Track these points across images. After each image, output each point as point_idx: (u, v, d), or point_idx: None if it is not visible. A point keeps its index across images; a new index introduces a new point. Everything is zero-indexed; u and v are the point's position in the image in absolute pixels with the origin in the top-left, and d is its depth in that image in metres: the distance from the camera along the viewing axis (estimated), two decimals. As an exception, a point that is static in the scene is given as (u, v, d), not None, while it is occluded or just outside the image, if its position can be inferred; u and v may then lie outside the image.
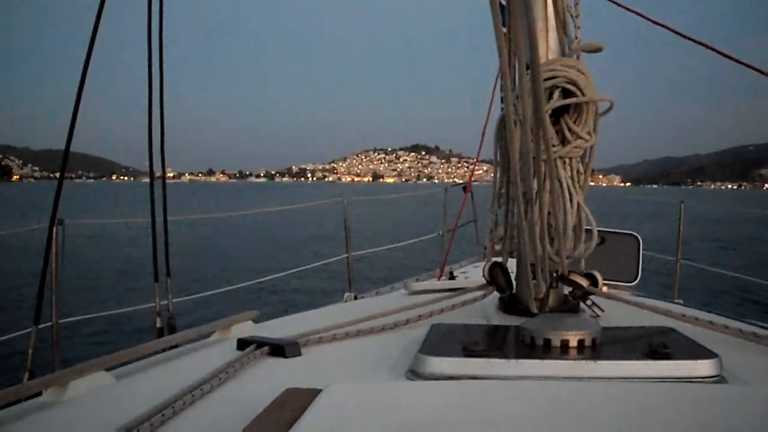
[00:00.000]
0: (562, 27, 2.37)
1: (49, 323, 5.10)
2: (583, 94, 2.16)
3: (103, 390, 1.66)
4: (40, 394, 1.65)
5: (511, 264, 2.39)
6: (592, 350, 1.63)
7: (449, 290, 2.72)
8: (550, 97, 2.18)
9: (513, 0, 1.64)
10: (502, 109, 2.54)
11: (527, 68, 1.82)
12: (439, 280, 5.25)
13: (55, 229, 4.62)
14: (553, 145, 2.15)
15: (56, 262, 5.04)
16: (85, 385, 1.65)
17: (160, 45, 4.39)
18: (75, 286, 15.36)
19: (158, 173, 4.72)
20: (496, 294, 2.43)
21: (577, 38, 2.35)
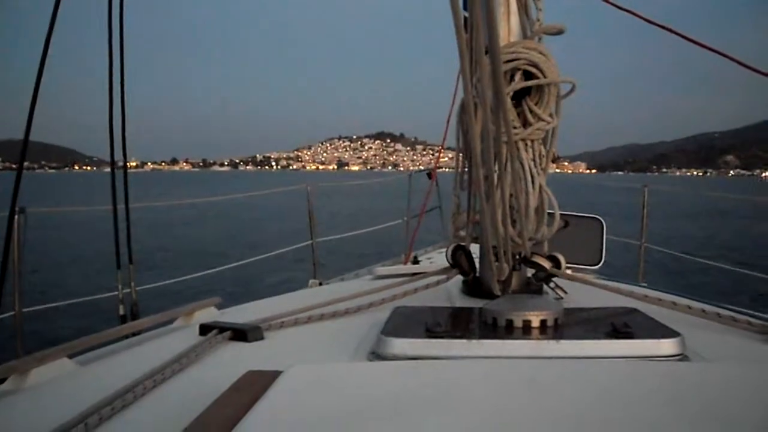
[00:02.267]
0: (523, 9, 2.37)
1: (12, 313, 5.10)
2: (545, 76, 2.16)
3: (65, 377, 1.66)
4: (2, 381, 1.63)
5: (475, 248, 2.40)
6: (555, 330, 1.64)
7: (413, 274, 2.73)
8: (511, 79, 2.18)
9: None
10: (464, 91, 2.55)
11: (486, 51, 1.83)
12: (404, 265, 5.27)
13: (16, 217, 4.59)
14: (515, 128, 2.15)
15: (18, 251, 5.01)
16: (47, 372, 1.64)
17: (120, 33, 4.35)
18: (37, 274, 15.22)
19: (120, 162, 4.70)
20: (459, 277, 2.44)
21: (538, 20, 2.35)
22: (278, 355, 1.74)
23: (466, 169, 2.41)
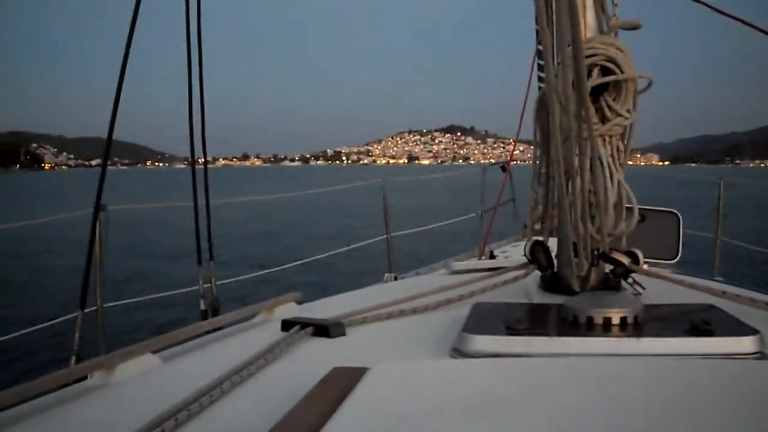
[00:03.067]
0: (599, 4, 2.36)
1: (95, 308, 5.19)
2: (622, 72, 2.16)
3: (149, 372, 1.70)
4: (86, 377, 1.69)
5: (552, 242, 2.40)
6: (634, 327, 1.64)
7: (490, 269, 2.74)
8: (589, 75, 2.18)
9: None
10: (540, 87, 2.54)
11: (568, 45, 1.83)
12: (479, 259, 5.27)
13: (99, 214, 4.70)
14: (594, 123, 2.16)
15: (100, 248, 5.11)
16: (132, 368, 1.68)
17: (198, 35, 4.46)
18: (119, 270, 15.65)
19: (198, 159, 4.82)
20: (537, 273, 2.44)
21: (614, 15, 2.35)
22: (361, 351, 1.76)
23: (544, 164, 2.42)
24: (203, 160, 4.97)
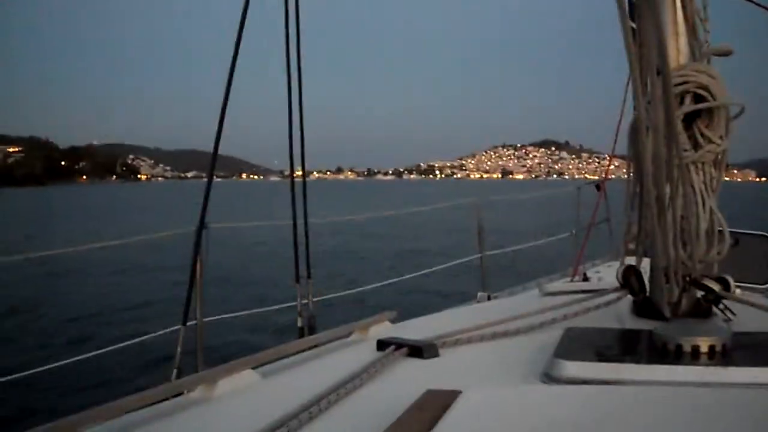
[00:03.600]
0: (692, 30, 2.37)
1: (194, 322, 5.29)
2: (714, 99, 2.17)
3: (249, 388, 1.75)
4: (189, 391, 1.75)
5: (645, 265, 2.40)
6: (723, 356, 1.63)
7: (582, 292, 2.75)
8: (681, 102, 2.19)
9: (641, 6, 1.68)
10: (635, 110, 2.57)
11: (658, 73, 1.86)
12: (572, 280, 5.24)
13: (202, 232, 4.84)
14: (686, 150, 2.17)
15: (202, 264, 5.21)
16: (232, 383, 1.74)
17: (297, 51, 4.57)
18: (218, 285, 16.04)
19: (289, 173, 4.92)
20: (629, 297, 2.46)
21: (706, 42, 2.36)
22: (453, 373, 1.79)
23: (637, 190, 2.43)
24: (300, 173, 5.04)
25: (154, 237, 8.33)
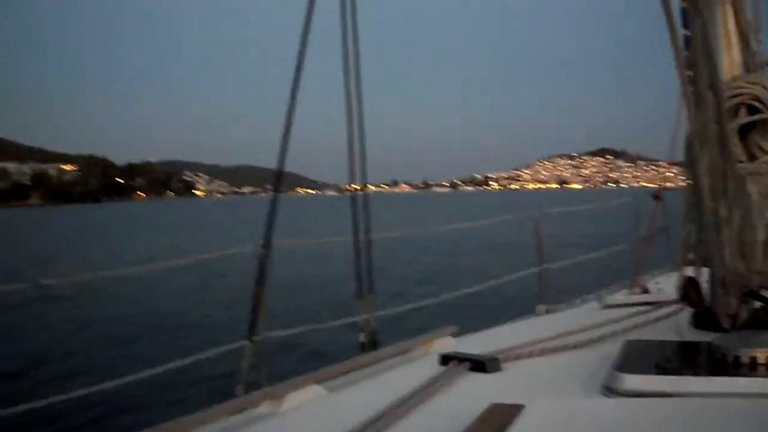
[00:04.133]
0: (744, 42, 2.37)
1: (260, 337, 5.26)
2: None
3: (315, 403, 1.81)
4: (256, 406, 1.81)
5: (704, 275, 2.41)
6: None
7: (642, 304, 2.76)
8: (735, 113, 2.20)
9: (692, 21, 1.70)
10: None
11: (710, 87, 1.88)
12: (632, 292, 5.20)
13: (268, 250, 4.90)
14: (741, 162, 2.17)
15: (266, 280, 5.31)
16: (298, 398, 1.80)
17: (356, 66, 4.60)
18: (281, 301, 16.19)
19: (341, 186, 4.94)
20: (689, 308, 2.46)
21: (759, 53, 2.36)
22: (516, 387, 1.84)
23: (695, 201, 2.43)
24: (358, 187, 5.03)
25: (219, 255, 8.46)
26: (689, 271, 2.47)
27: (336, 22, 4.39)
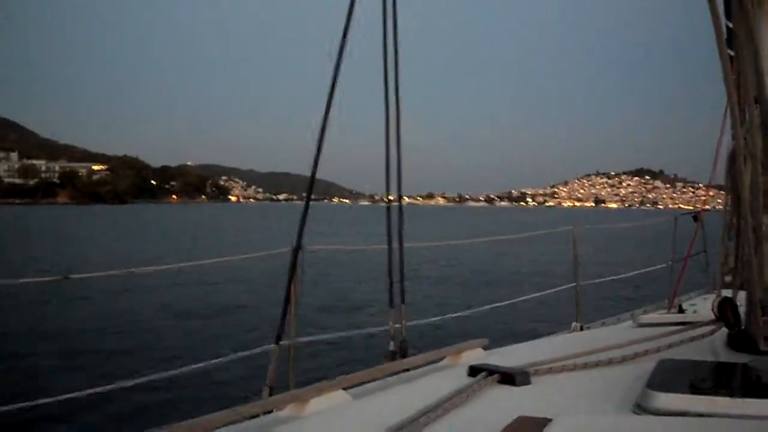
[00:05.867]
0: None
1: (288, 342, 5.30)
2: None
3: (340, 408, 1.80)
4: (280, 409, 1.80)
5: (741, 297, 2.37)
6: None
7: (677, 324, 2.73)
8: None
9: (738, 32, 1.68)
10: (733, 140, 2.55)
11: (756, 102, 1.85)
12: (668, 312, 5.15)
13: (298, 253, 4.92)
14: None
15: (296, 285, 5.22)
16: (323, 402, 1.79)
17: (396, 81, 4.62)
18: (312, 307, 16.26)
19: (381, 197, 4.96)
20: (724, 329, 2.42)
21: None
22: (545, 401, 1.82)
23: (735, 219, 2.40)
24: (393, 198, 5.04)
25: (252, 257, 8.51)
26: (727, 293, 2.43)
27: (378, 34, 4.43)
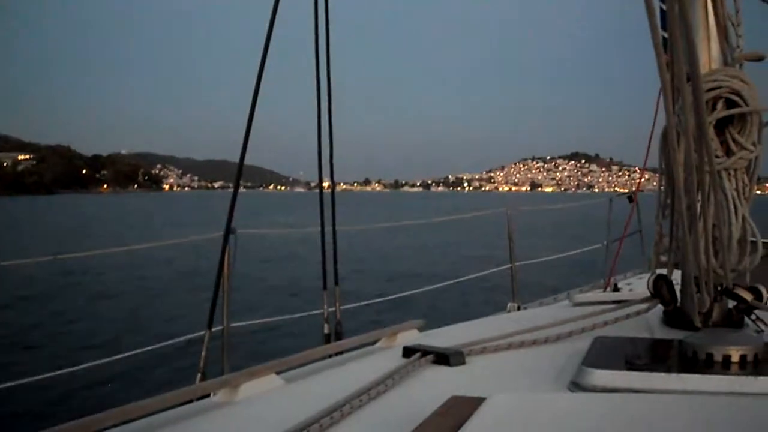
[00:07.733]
0: (723, 36, 2.34)
1: (221, 327, 5.29)
2: (747, 105, 2.14)
3: (273, 392, 1.76)
4: (211, 394, 1.77)
5: (676, 276, 2.37)
6: (754, 366, 1.61)
7: (613, 302, 2.73)
8: (713, 108, 2.17)
9: (671, 11, 1.66)
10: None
11: (688, 80, 1.83)
12: (604, 291, 5.19)
13: (228, 237, 4.85)
14: (718, 157, 2.14)
15: (228, 269, 5.23)
16: (256, 387, 1.75)
17: (327, 62, 4.59)
18: (245, 292, 16.13)
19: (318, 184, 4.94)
20: (660, 307, 2.42)
21: (738, 47, 2.33)
22: (479, 381, 1.79)
23: (668, 198, 2.40)
24: (328, 185, 5.04)
25: (182, 241, 8.39)
26: (662, 272, 2.43)
27: (307, 11, 4.39)
